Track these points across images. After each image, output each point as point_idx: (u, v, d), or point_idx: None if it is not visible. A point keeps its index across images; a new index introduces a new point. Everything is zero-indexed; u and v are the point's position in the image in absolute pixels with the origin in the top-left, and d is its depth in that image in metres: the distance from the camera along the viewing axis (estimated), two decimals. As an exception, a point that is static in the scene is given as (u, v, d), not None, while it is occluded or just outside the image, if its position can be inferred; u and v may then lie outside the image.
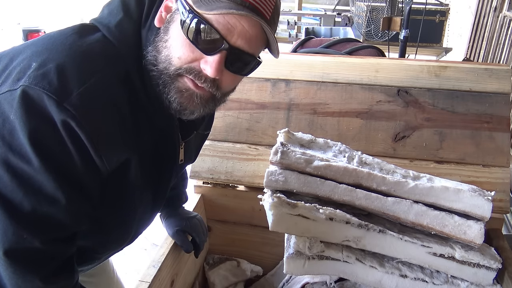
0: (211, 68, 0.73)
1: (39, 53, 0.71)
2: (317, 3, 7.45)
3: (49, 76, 0.68)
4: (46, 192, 0.69)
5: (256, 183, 1.35)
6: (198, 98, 0.78)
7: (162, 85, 0.77)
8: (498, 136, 1.29)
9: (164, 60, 0.76)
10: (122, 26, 0.79)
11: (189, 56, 0.74)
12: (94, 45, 0.76)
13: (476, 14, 4.17)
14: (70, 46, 0.73)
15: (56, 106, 0.66)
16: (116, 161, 0.76)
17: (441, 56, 3.54)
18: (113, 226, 0.88)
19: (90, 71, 0.72)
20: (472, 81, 1.34)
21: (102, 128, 0.72)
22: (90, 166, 0.72)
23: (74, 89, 0.68)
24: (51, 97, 0.66)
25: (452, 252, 0.97)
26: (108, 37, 0.78)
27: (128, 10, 0.80)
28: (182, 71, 0.75)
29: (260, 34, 0.75)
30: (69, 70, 0.69)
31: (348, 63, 1.43)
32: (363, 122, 1.36)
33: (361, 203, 0.98)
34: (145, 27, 0.80)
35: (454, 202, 0.97)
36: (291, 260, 0.97)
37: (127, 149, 0.78)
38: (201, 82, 0.76)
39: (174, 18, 0.76)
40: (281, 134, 1.07)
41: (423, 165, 1.30)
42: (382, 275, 1.00)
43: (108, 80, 0.74)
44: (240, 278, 1.42)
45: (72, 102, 0.67)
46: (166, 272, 1.11)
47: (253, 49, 0.76)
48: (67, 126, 0.67)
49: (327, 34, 3.42)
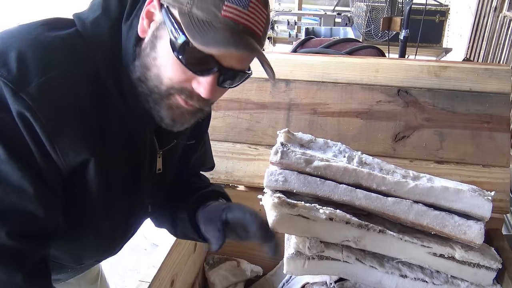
0: (204, 89, 0.72)
1: (2, 40, 0.70)
2: (317, 4, 7.46)
3: (9, 64, 0.66)
4: (12, 182, 0.67)
5: (256, 183, 1.35)
6: (188, 113, 0.77)
7: (153, 102, 0.76)
8: (498, 136, 1.29)
9: (154, 78, 0.74)
10: (98, 24, 0.76)
11: (180, 77, 0.72)
12: (62, 38, 0.73)
13: (476, 14, 4.17)
14: (36, 36, 0.71)
15: (12, 95, 0.65)
16: (73, 157, 0.73)
17: (441, 57, 3.54)
18: (82, 233, 0.85)
19: (53, 63, 0.70)
20: (472, 81, 1.34)
21: (58, 122, 0.70)
22: (47, 159, 0.70)
23: (33, 80, 0.67)
24: (7, 85, 0.65)
25: (452, 252, 0.97)
26: (81, 33, 0.75)
27: (108, 8, 0.77)
28: (174, 91, 0.74)
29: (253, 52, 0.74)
30: (30, 59, 0.68)
31: (348, 63, 1.43)
32: (363, 122, 1.36)
33: (361, 203, 0.98)
34: (126, 24, 0.77)
35: (454, 202, 0.97)
36: (291, 260, 0.97)
37: (87, 148, 0.74)
38: (193, 101, 0.75)
39: (161, 35, 0.71)
40: (281, 134, 1.07)
41: (423, 165, 1.30)
42: (382, 275, 1.00)
43: (72, 75, 0.72)
44: (240, 278, 1.42)
45: (30, 92, 0.66)
46: (166, 272, 1.11)
47: (245, 66, 0.76)
48: (22, 116, 0.66)
49: (327, 34, 3.42)
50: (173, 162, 0.98)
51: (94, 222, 0.84)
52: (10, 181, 0.67)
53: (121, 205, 0.87)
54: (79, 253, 0.93)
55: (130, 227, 0.96)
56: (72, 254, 0.91)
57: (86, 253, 0.94)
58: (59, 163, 0.72)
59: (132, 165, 0.85)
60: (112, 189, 0.82)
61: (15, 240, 0.69)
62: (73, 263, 0.96)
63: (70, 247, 0.88)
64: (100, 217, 0.84)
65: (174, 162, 0.98)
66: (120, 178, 0.83)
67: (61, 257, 0.90)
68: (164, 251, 1.12)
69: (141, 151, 0.85)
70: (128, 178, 0.85)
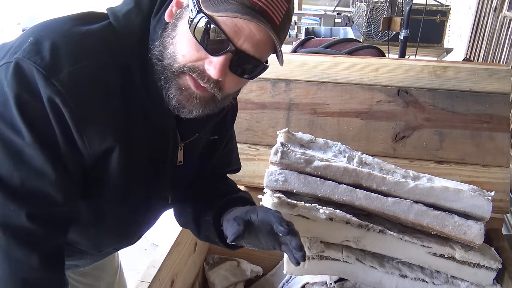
0: (214, 69, 0.71)
1: (38, 30, 0.73)
2: (317, 4, 7.45)
3: (43, 52, 0.68)
4: (35, 166, 0.69)
5: (256, 183, 1.35)
6: (198, 99, 0.76)
7: (164, 80, 0.76)
8: (498, 136, 1.29)
9: (170, 56, 0.75)
10: (130, 17, 0.78)
11: (193, 55, 0.73)
12: (95, 30, 0.75)
13: (476, 14, 4.17)
14: (69, 28, 0.73)
15: (44, 80, 0.67)
16: (98, 144, 0.75)
17: (442, 57, 3.53)
18: (102, 219, 0.87)
19: (85, 54, 0.72)
20: (472, 81, 1.34)
21: (87, 108, 0.71)
22: (72, 146, 0.72)
23: (64, 67, 0.69)
24: (40, 71, 0.67)
25: (452, 252, 0.97)
26: (114, 25, 0.77)
27: (140, 2, 0.80)
28: (186, 69, 0.74)
29: (269, 39, 0.72)
30: (63, 49, 0.70)
31: (348, 63, 1.43)
32: (363, 122, 1.36)
33: (361, 203, 0.98)
34: (155, 19, 0.79)
35: (454, 202, 0.97)
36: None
37: (112, 136, 0.76)
38: (203, 82, 0.74)
39: (183, 15, 0.74)
40: (281, 134, 1.07)
41: (423, 165, 1.30)
42: (382, 275, 1.00)
43: (103, 65, 0.73)
44: (240, 278, 1.42)
45: (61, 78, 0.68)
46: (166, 272, 1.11)
47: (260, 53, 0.74)
48: (52, 102, 0.68)
49: (327, 34, 3.42)
50: (194, 156, 0.98)
51: (114, 209, 0.86)
52: (33, 164, 0.69)
53: (141, 193, 0.88)
54: (98, 240, 0.94)
55: (149, 217, 0.97)
56: (91, 240, 0.93)
57: (105, 240, 0.95)
58: (83, 150, 0.74)
59: (153, 155, 0.86)
60: (133, 177, 0.84)
61: (34, 223, 0.71)
62: (93, 250, 0.97)
63: (90, 233, 0.90)
64: (119, 204, 0.85)
65: (195, 156, 0.99)
66: (141, 168, 0.85)
67: (81, 242, 0.91)
68: (164, 251, 1.12)
69: (163, 142, 0.87)
70: (149, 168, 0.87)
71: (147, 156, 0.85)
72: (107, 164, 0.78)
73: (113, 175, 0.80)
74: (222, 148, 1.05)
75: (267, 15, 0.70)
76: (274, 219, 0.80)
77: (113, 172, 0.79)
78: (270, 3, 0.70)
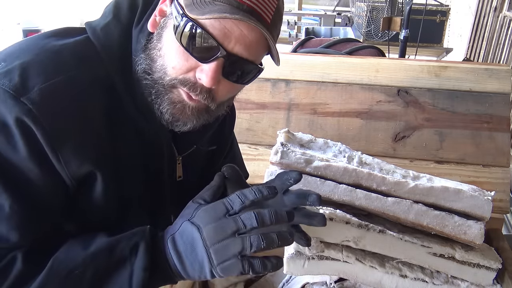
0: (206, 77, 0.67)
1: (11, 53, 0.69)
2: (317, 4, 7.45)
3: (11, 74, 0.65)
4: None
5: (256, 183, 1.35)
6: (190, 110, 0.73)
7: (155, 95, 0.73)
8: (498, 136, 1.29)
9: (159, 70, 0.71)
10: (109, 29, 0.74)
11: (183, 65, 0.69)
12: (70, 46, 0.72)
13: (476, 14, 4.17)
14: (42, 46, 0.70)
15: (12, 100, 0.63)
16: (77, 167, 0.69)
17: (442, 57, 3.53)
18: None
19: (58, 70, 0.68)
20: (472, 81, 1.34)
21: (61, 127, 0.66)
22: (48, 169, 0.67)
23: (36, 85, 0.65)
24: (7, 92, 0.63)
25: (452, 252, 0.97)
26: (92, 40, 0.74)
27: (119, 13, 0.76)
28: (177, 82, 0.70)
29: (261, 38, 0.69)
30: (34, 67, 0.67)
31: (348, 63, 1.43)
32: (363, 122, 1.36)
33: (361, 203, 0.98)
34: (136, 29, 0.75)
35: (454, 202, 0.97)
36: (291, 260, 0.97)
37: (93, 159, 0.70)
38: (195, 94, 0.71)
39: (168, 24, 0.70)
40: (281, 134, 1.07)
41: (423, 165, 1.30)
42: (382, 275, 1.00)
43: (79, 81, 0.69)
44: (240, 278, 1.42)
45: (31, 97, 0.64)
46: (166, 272, 1.10)
47: (253, 55, 0.70)
48: (21, 122, 0.63)
49: (327, 34, 3.42)
50: (194, 169, 0.93)
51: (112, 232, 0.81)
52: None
53: (141, 216, 0.83)
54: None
55: None
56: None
57: None
58: (62, 173, 0.69)
59: (151, 173, 0.81)
60: (128, 200, 0.79)
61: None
62: None
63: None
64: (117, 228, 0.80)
65: (196, 169, 0.94)
66: (138, 189, 0.80)
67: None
68: (164, 251, 1.11)
69: (159, 158, 0.82)
70: (148, 188, 0.82)
71: (143, 175, 0.80)
72: (92, 189, 0.73)
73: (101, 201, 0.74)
74: (223, 157, 1.02)
75: (257, 13, 0.66)
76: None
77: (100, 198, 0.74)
78: (258, 1, 0.66)
